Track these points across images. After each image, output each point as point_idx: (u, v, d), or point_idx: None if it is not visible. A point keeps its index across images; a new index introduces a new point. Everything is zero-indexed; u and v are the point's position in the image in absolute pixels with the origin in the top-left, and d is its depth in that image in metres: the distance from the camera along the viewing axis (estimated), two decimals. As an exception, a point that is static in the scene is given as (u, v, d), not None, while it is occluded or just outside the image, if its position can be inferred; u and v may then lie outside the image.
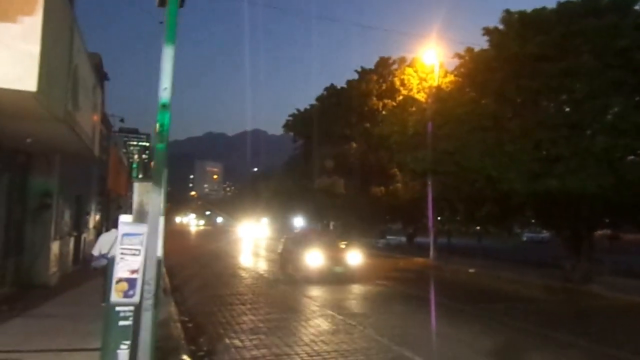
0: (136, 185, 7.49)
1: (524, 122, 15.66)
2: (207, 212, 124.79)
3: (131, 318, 6.07)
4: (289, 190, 33.61)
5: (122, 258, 5.12)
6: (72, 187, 14.61)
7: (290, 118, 33.68)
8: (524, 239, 50.79)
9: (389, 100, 26.91)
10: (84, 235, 17.22)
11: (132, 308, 5.41)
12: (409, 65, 27.13)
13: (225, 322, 9.86)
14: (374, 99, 26.86)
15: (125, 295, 5.13)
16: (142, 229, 5.22)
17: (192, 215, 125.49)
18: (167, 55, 5.32)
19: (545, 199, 15.91)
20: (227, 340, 8.39)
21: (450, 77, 26.28)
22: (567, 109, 15.66)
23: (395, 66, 27.92)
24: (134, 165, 47.90)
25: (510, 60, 15.96)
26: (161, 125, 5.37)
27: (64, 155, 12.85)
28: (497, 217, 18.55)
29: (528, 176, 15.07)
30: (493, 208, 17.34)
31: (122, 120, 25.49)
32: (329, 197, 28.12)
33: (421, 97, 27.20)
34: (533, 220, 27.58)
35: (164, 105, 5.31)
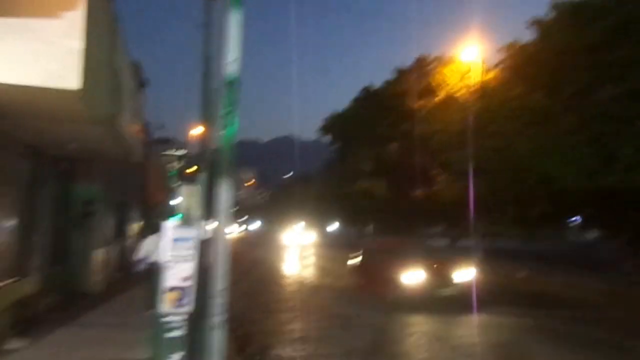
0: (183, 189, 7.19)
1: (579, 116, 14.68)
2: (244, 218, 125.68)
3: (182, 328, 5.72)
4: (327, 194, 33.16)
5: (172, 265, 4.74)
6: (114, 194, 14.58)
7: (327, 121, 33.27)
8: (571, 241, 48.63)
9: (429, 99, 26.15)
10: (126, 243, 17.23)
11: (182, 317, 5.04)
12: (447, 63, 26.30)
13: None
14: (413, 98, 26.13)
15: (178, 304, 4.75)
16: (193, 233, 4.83)
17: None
18: (234, 22, 4.69)
19: (604, 197, 14.87)
20: None
21: (493, 74, 25.35)
22: (627, 101, 14.61)
23: (434, 64, 27.13)
24: (172, 173, 48.54)
25: (562, 52, 15.03)
26: (230, 105, 4.65)
27: (107, 162, 12.78)
28: (550, 217, 17.46)
29: (585, 173, 14.09)
30: (546, 208, 16.32)
31: (162, 127, 25.70)
32: (368, 200, 27.48)
33: (462, 95, 26.34)
34: (579, 220, 26.10)
35: (232, 82, 4.56)
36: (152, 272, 9.53)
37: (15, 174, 8.52)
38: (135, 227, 20.16)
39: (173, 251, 4.75)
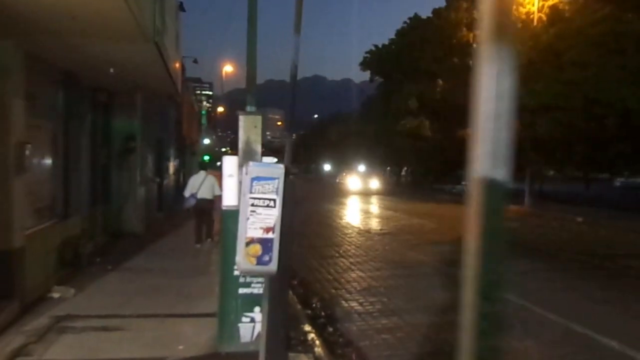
0: (242, 119, 6.12)
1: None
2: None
3: (260, 286, 4.83)
4: (366, 134, 31.73)
5: (252, 211, 3.71)
6: (153, 130, 13.70)
7: (367, 55, 31.22)
8: (617, 184, 46.54)
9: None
10: (165, 181, 16.57)
11: (262, 277, 4.10)
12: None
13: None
14: (464, 29, 23.91)
15: (259, 261, 3.76)
16: (278, 171, 3.75)
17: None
18: None
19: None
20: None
21: (554, 0, 22.84)
22: None
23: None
24: (204, 112, 47.68)
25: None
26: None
27: (145, 95, 11.78)
28: (628, 158, 15.82)
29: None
30: (624, 147, 14.70)
31: (195, 61, 24.28)
32: (413, 140, 26.06)
33: (525, 22, 24.03)
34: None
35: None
36: (198, 209, 10.03)
37: (51, 105, 7.59)
38: (172, 164, 19.49)
39: (253, 193, 3.70)
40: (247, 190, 3.79)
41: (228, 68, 45.74)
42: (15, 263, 5.84)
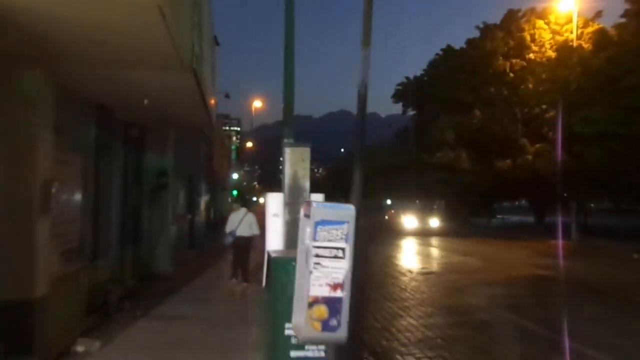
0: (287, 152, 5.49)
1: None
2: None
3: (316, 350, 4.05)
4: (399, 166, 30.87)
5: (317, 264, 2.98)
6: (185, 166, 13.29)
7: (400, 87, 30.78)
8: None
9: (518, 60, 23.19)
10: (196, 218, 16.08)
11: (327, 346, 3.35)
12: (542, 16, 23.15)
13: None
14: (500, 58, 23.22)
15: (325, 326, 3.01)
16: (347, 213, 3.04)
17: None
18: None
19: None
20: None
21: (593, 27, 22.02)
22: None
23: (523, 19, 24.02)
24: (234, 147, 47.92)
25: None
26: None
27: (178, 130, 11.40)
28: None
29: None
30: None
31: (227, 96, 24.27)
32: (450, 173, 25.10)
33: (554, 53, 23.22)
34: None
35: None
36: (236, 246, 9.78)
37: (81, 139, 7.17)
38: (203, 200, 19.08)
39: (317, 241, 2.99)
40: (308, 237, 3.08)
41: (257, 103, 46.11)
42: (37, 314, 5.23)
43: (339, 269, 2.97)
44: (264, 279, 6.66)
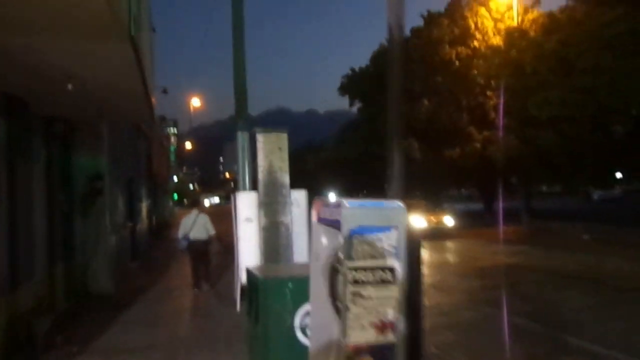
0: (261, 139, 4.43)
1: None
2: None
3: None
4: (349, 159, 30.11)
5: (356, 294, 1.94)
6: (122, 168, 11.74)
7: (345, 80, 30.00)
8: (595, 197, 46.50)
9: (463, 48, 23.08)
10: (138, 225, 14.47)
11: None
12: (481, 5, 23.17)
13: None
14: (447, 46, 23.00)
15: (372, 385, 1.98)
16: (396, 213, 2.02)
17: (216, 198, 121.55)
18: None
19: None
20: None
21: (533, 14, 22.33)
22: None
23: (466, 8, 23.93)
24: (173, 148, 45.49)
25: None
26: None
27: (112, 126, 9.92)
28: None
29: None
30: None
31: (165, 92, 22.41)
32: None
33: (497, 40, 23.37)
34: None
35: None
36: (193, 251, 9.39)
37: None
38: (145, 206, 17.39)
39: (352, 261, 1.94)
40: (327, 250, 2.06)
41: (195, 102, 43.99)
42: None
43: (389, 300, 1.97)
44: (237, 302, 5.50)
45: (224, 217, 10.64)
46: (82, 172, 9.01)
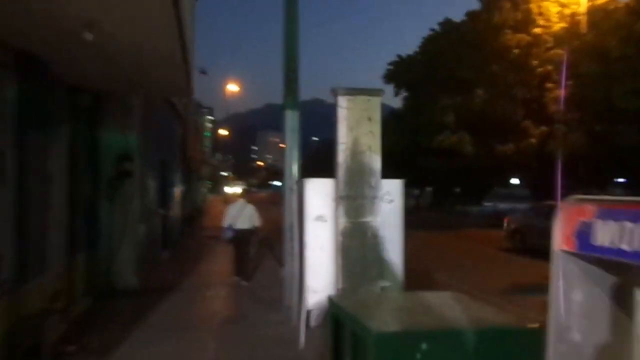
0: (344, 103, 3.19)
1: None
2: (276, 183, 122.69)
3: None
4: (393, 152, 28.49)
5: None
6: (154, 149, 10.73)
7: (391, 67, 28.34)
8: None
9: (524, 34, 21.15)
10: (170, 213, 13.52)
11: None
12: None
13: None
14: (509, 32, 21.08)
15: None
16: None
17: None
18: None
19: None
20: None
21: (603, -1, 20.22)
22: None
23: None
24: (208, 134, 44.90)
25: None
26: None
27: (144, 101, 8.88)
28: None
29: None
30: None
31: (203, 72, 21.38)
32: (450, 157, 23.00)
33: (561, 27, 21.37)
34: None
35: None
36: (237, 241, 9.16)
37: (9, 111, 4.69)
38: (177, 192, 16.48)
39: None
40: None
41: (232, 87, 43.15)
42: None
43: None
44: (301, 337, 4.35)
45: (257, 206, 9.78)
46: (110, 151, 7.99)
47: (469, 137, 21.49)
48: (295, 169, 7.48)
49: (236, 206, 9.40)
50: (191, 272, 10.40)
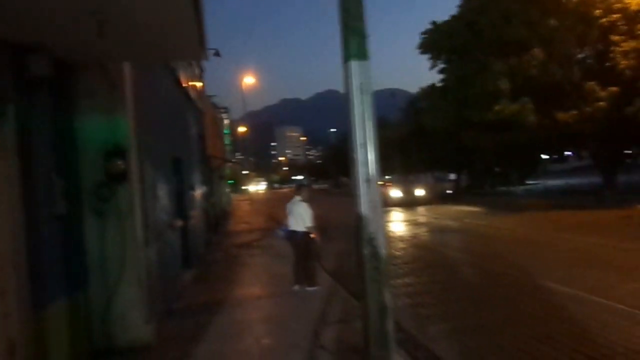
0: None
1: None
2: (300, 177, 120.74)
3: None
4: (436, 130, 25.52)
5: None
6: (163, 141, 8.20)
7: (426, 35, 25.23)
8: None
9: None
10: (192, 222, 11.01)
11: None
12: None
13: None
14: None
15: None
16: None
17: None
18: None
19: None
20: None
21: None
22: None
23: None
24: (227, 131, 42.56)
25: None
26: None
27: (141, 73, 6.35)
28: None
29: None
30: None
31: (217, 54, 18.82)
32: (505, 131, 19.91)
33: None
34: None
35: None
36: (292, 243, 8.28)
37: None
38: (199, 196, 13.99)
39: None
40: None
41: (249, 79, 40.69)
42: None
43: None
44: None
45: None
46: (91, 145, 5.45)
47: (532, 105, 18.45)
48: (370, 150, 4.87)
49: (291, 204, 8.42)
50: (225, 299, 7.87)
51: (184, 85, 11.65)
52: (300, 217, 8.12)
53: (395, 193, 28.91)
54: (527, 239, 12.90)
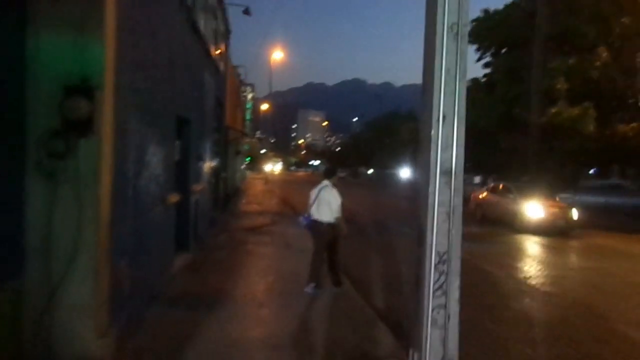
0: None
1: None
2: (316, 162, 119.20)
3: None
4: (483, 129, 23.19)
5: None
6: (164, 91, 6.54)
7: (474, 24, 23.01)
8: None
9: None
10: (194, 198, 9.38)
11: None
12: None
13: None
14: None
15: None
16: None
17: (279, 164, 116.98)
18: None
19: None
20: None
21: None
22: None
23: None
24: (249, 105, 40.97)
25: None
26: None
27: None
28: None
29: None
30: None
31: (246, 12, 17.00)
32: (566, 137, 17.79)
33: None
34: None
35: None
36: (315, 234, 7.05)
37: None
38: (208, 168, 12.39)
39: None
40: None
41: (278, 54, 38.89)
42: None
43: None
44: None
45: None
46: (45, 74, 3.81)
47: (594, 112, 16.37)
48: (459, 127, 3.24)
49: (315, 188, 7.16)
50: (224, 299, 6.26)
51: (202, 35, 9.95)
52: (328, 205, 6.89)
53: (536, 212, 15.29)
54: None
